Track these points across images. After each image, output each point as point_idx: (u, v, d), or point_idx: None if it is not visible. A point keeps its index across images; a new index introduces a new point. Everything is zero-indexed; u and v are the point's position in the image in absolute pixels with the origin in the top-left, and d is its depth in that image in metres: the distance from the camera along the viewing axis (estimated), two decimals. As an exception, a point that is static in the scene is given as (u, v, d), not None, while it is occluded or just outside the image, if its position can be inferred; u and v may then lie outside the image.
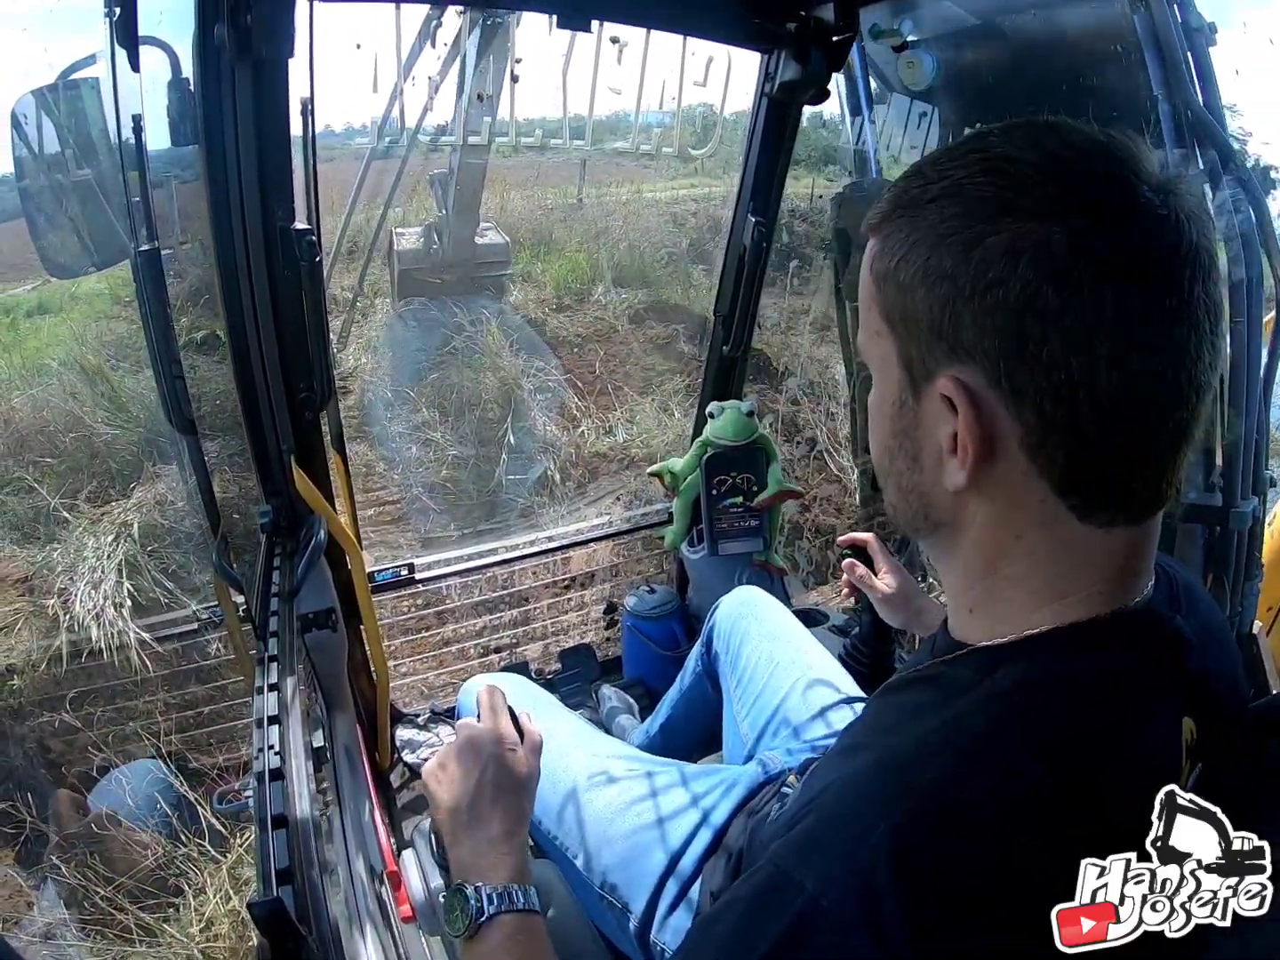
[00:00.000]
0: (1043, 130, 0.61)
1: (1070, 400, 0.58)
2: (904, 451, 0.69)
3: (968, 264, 0.59)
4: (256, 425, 1.54)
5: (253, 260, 1.39)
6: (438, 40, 1.86)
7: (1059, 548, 0.64)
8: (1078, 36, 1.52)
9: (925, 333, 0.62)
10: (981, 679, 0.64)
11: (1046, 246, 0.56)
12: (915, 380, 0.65)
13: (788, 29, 1.76)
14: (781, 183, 2.11)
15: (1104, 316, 0.56)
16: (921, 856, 0.55)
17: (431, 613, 2.69)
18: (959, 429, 0.61)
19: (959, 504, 0.67)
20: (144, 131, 1.31)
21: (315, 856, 0.99)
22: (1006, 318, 0.58)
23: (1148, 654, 0.64)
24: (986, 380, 0.60)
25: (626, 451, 5.58)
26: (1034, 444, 0.60)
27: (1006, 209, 0.58)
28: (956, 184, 0.61)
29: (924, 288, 0.61)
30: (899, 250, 0.63)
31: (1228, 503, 1.52)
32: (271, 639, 1.31)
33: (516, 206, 8.26)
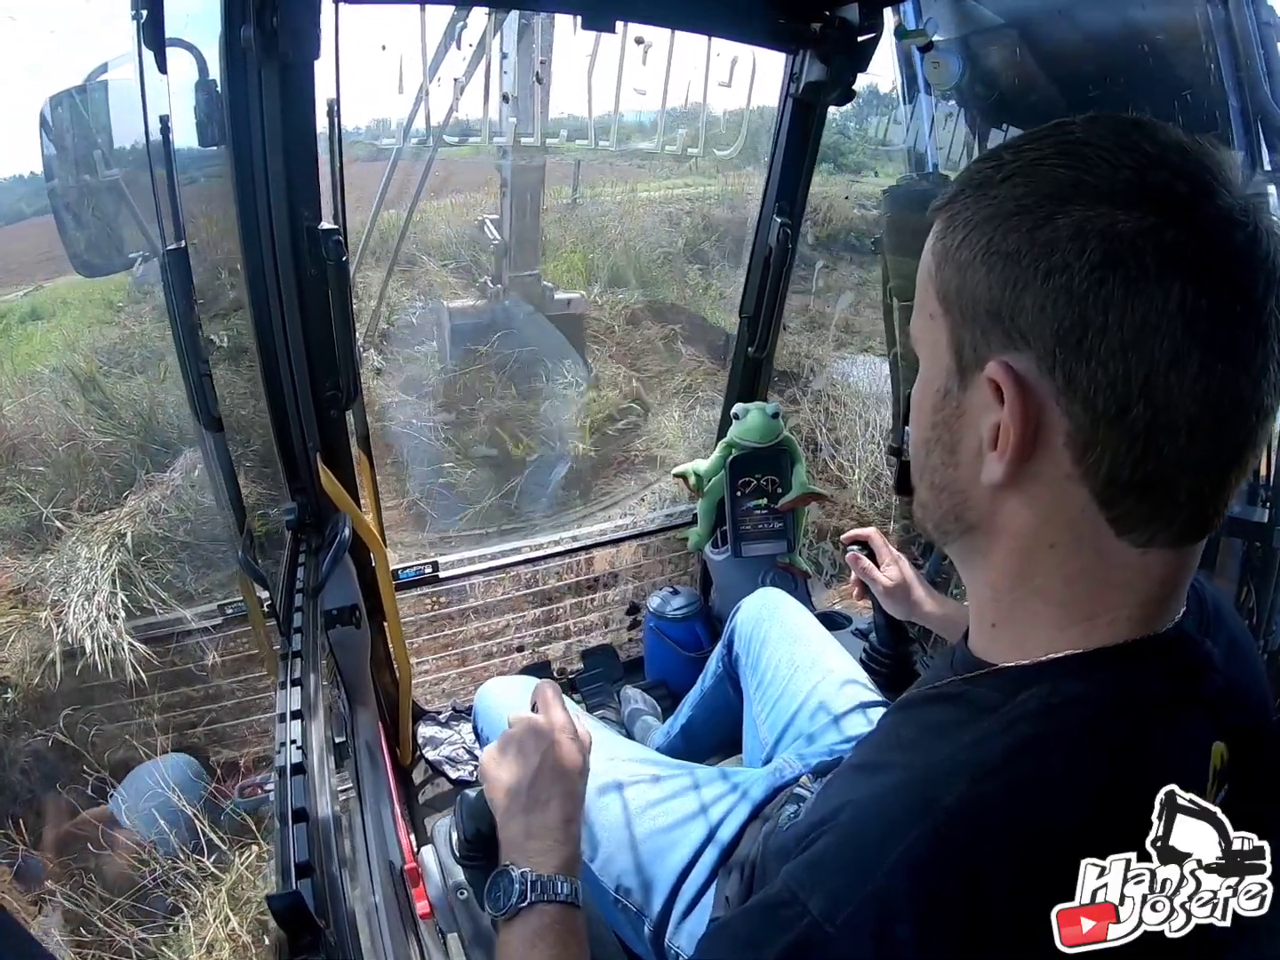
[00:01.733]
0: (1127, 123, 0.59)
1: (1124, 398, 0.56)
2: (941, 444, 0.67)
3: (1033, 245, 0.57)
4: (283, 423, 1.56)
5: (279, 260, 1.41)
6: (463, 41, 1.87)
7: (1093, 563, 0.62)
8: (1106, 36, 1.50)
9: (982, 315, 0.61)
10: (1005, 701, 0.62)
11: (1115, 232, 0.54)
12: (964, 366, 0.63)
13: (812, 29, 1.76)
14: (807, 184, 2.10)
15: (1167, 311, 0.54)
16: (940, 876, 0.54)
17: (454, 611, 2.69)
18: (1004, 418, 0.59)
19: (994, 504, 0.65)
20: (171, 132, 1.33)
21: (335, 852, 0.99)
22: (1068, 303, 0.56)
23: (1176, 679, 0.62)
24: (1039, 369, 0.58)
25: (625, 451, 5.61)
26: (1081, 443, 0.58)
27: (1078, 191, 0.56)
28: (1031, 164, 0.59)
29: (985, 267, 0.60)
30: (962, 229, 0.62)
31: (1275, 519, 1.48)
32: (295, 635, 1.33)
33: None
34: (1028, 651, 0.65)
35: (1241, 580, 1.56)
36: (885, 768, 0.67)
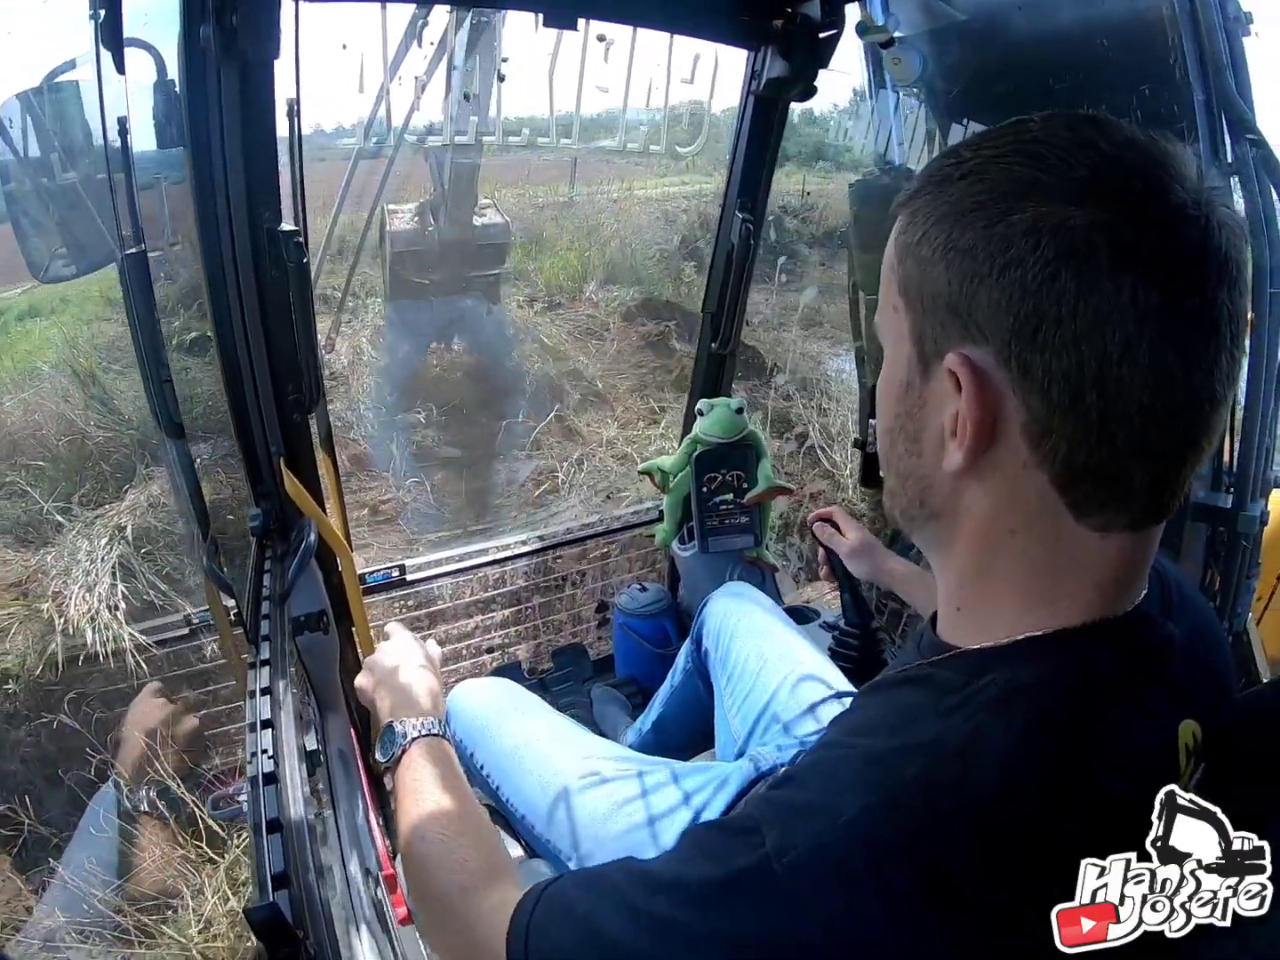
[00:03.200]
0: (1082, 121, 0.61)
1: (1077, 387, 0.57)
2: (905, 433, 0.69)
3: (989, 240, 0.58)
4: (245, 428, 1.54)
5: (240, 262, 1.39)
6: (424, 40, 1.85)
7: (1053, 548, 0.63)
8: (1068, 32, 1.52)
9: (941, 309, 0.62)
10: (968, 683, 0.63)
11: (1068, 227, 0.56)
12: (925, 358, 0.65)
13: (774, 26, 1.77)
14: (769, 180, 2.11)
15: (1119, 304, 0.55)
16: (892, 850, 0.55)
17: (423, 613, 2.68)
18: (962, 407, 0.61)
19: (956, 491, 0.66)
20: (129, 134, 1.30)
21: (311, 860, 0.99)
22: (1022, 297, 0.57)
23: (1133, 658, 0.64)
24: (996, 360, 0.60)
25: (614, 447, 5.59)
26: (1037, 431, 0.60)
27: (1034, 188, 0.58)
28: (988, 161, 0.61)
29: (944, 262, 0.61)
30: (922, 225, 0.63)
31: (1237, 505, 1.51)
32: (264, 643, 1.31)
33: (508, 204, 8.28)
34: (991, 634, 0.66)
35: (1206, 564, 1.58)
36: (851, 747, 0.68)
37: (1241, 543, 1.52)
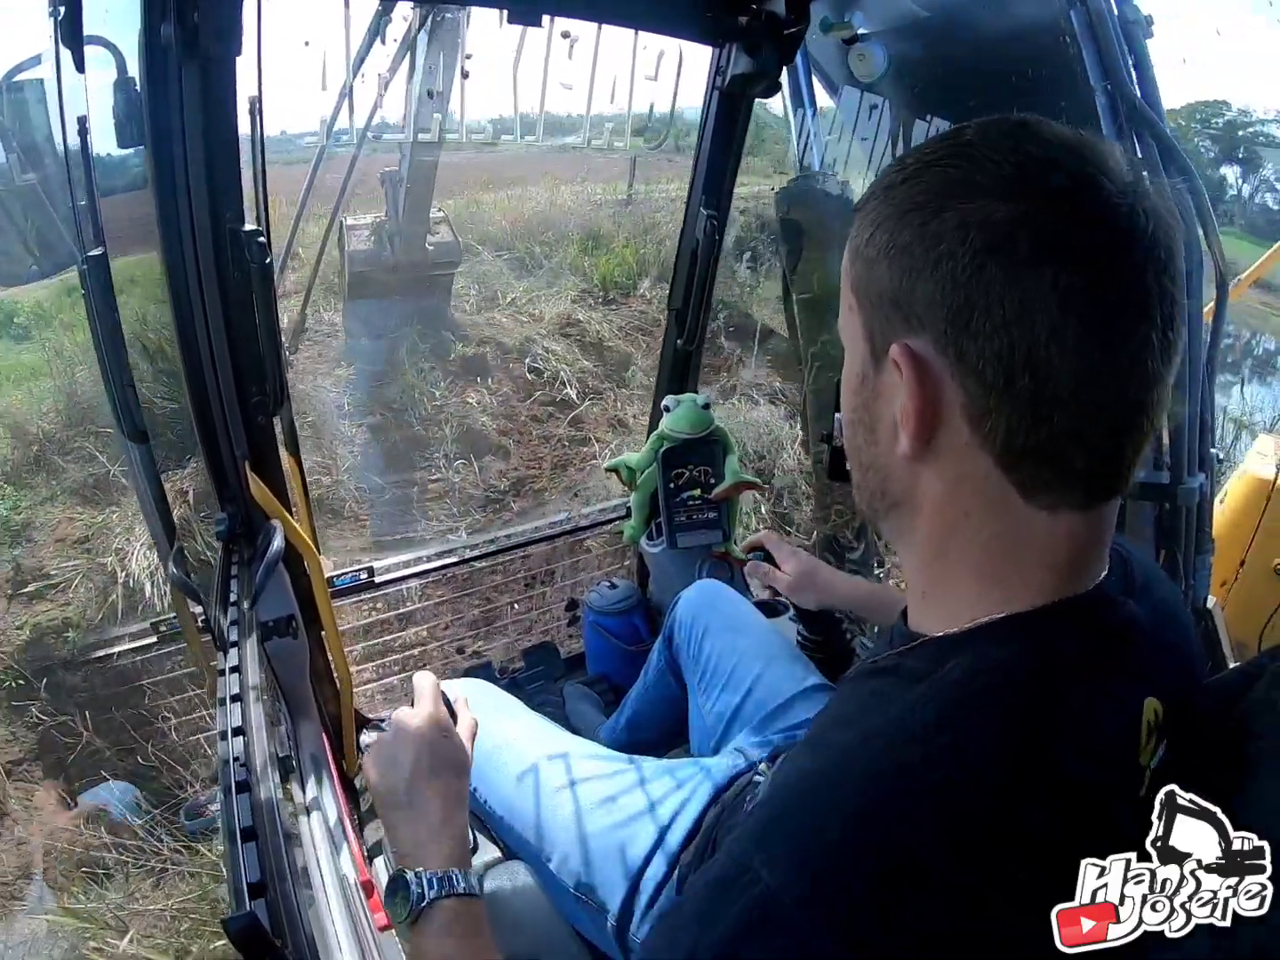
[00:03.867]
0: (1016, 124, 0.64)
1: (1009, 369, 0.60)
2: (863, 425, 0.72)
3: (924, 237, 0.62)
4: (210, 431, 1.51)
5: (202, 263, 1.36)
6: (387, 37, 1.84)
7: (1006, 529, 0.66)
8: (1021, 30, 1.54)
9: (886, 304, 0.66)
10: (933, 670, 0.64)
11: (993, 221, 0.59)
12: (875, 352, 0.68)
13: (739, 23, 1.77)
14: (734, 176, 2.12)
15: (1042, 291, 0.58)
16: (879, 851, 0.56)
17: (393, 616, 2.67)
18: (911, 395, 0.64)
19: (912, 477, 0.69)
20: (90, 133, 1.28)
21: (287, 868, 0.97)
22: (954, 288, 0.61)
23: (1094, 637, 0.65)
24: (935, 349, 0.63)
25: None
26: (976, 413, 0.63)
27: (964, 188, 0.61)
28: (926, 166, 0.64)
29: (886, 260, 0.65)
30: (869, 227, 0.67)
31: (1175, 480, 1.55)
32: (232, 649, 1.29)
33: (566, 201, 8.71)
34: (955, 620, 0.68)
35: (1157, 543, 1.62)
36: (824, 742, 0.71)
37: (1184, 516, 1.56)
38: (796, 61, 1.98)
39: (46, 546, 4.52)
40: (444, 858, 0.95)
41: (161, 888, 2.62)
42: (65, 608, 4.08)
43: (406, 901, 0.91)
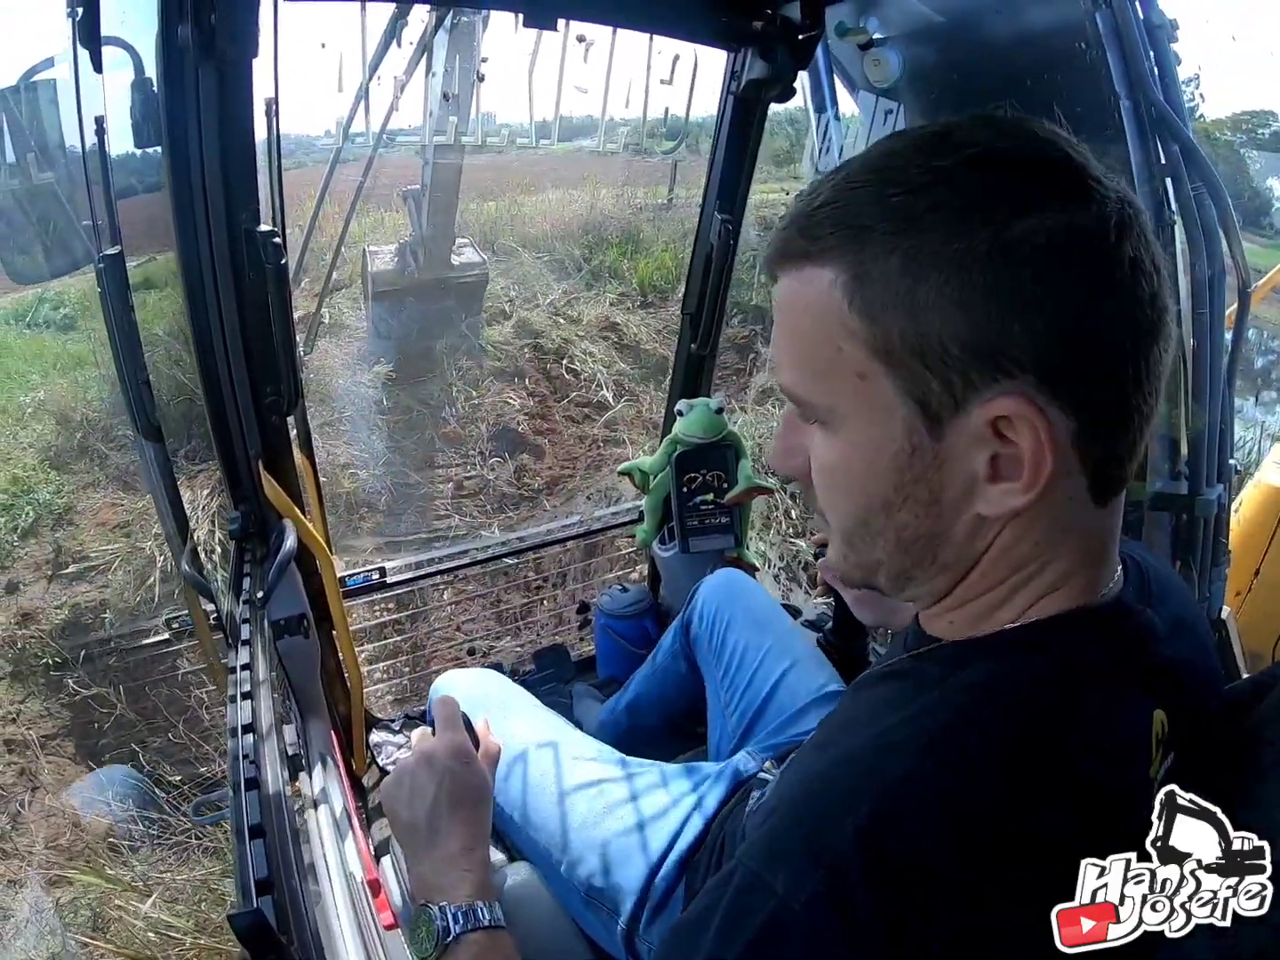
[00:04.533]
0: (1010, 123, 0.61)
1: (1119, 388, 0.58)
2: (914, 500, 0.63)
3: (1002, 271, 0.55)
4: (223, 430, 1.52)
5: (218, 263, 1.37)
6: (404, 40, 1.84)
7: (1049, 537, 0.63)
8: (1041, 34, 1.53)
9: (956, 358, 0.57)
10: (948, 676, 0.64)
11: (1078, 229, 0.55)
12: (935, 415, 0.60)
13: (754, 27, 1.77)
14: (748, 181, 2.11)
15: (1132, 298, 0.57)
16: (889, 856, 0.55)
17: (404, 616, 2.69)
18: (1028, 448, 0.58)
19: (978, 533, 0.64)
20: (107, 134, 1.29)
21: (294, 866, 0.98)
22: (1056, 313, 0.56)
23: (1114, 647, 0.64)
24: (1040, 387, 0.57)
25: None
26: (1084, 442, 0.59)
27: (1027, 206, 0.55)
28: (956, 188, 0.57)
29: (957, 307, 0.56)
30: (905, 270, 0.57)
31: (1193, 490, 1.54)
32: (243, 647, 1.30)
33: (606, 205, 8.85)
34: (974, 626, 0.67)
35: (1175, 554, 1.60)
36: (833, 745, 0.69)
37: (1202, 527, 1.54)
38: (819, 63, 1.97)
39: (88, 530, 4.78)
40: (468, 890, 0.93)
41: (186, 862, 2.74)
42: (104, 590, 4.32)
43: (432, 935, 0.89)
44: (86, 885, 2.74)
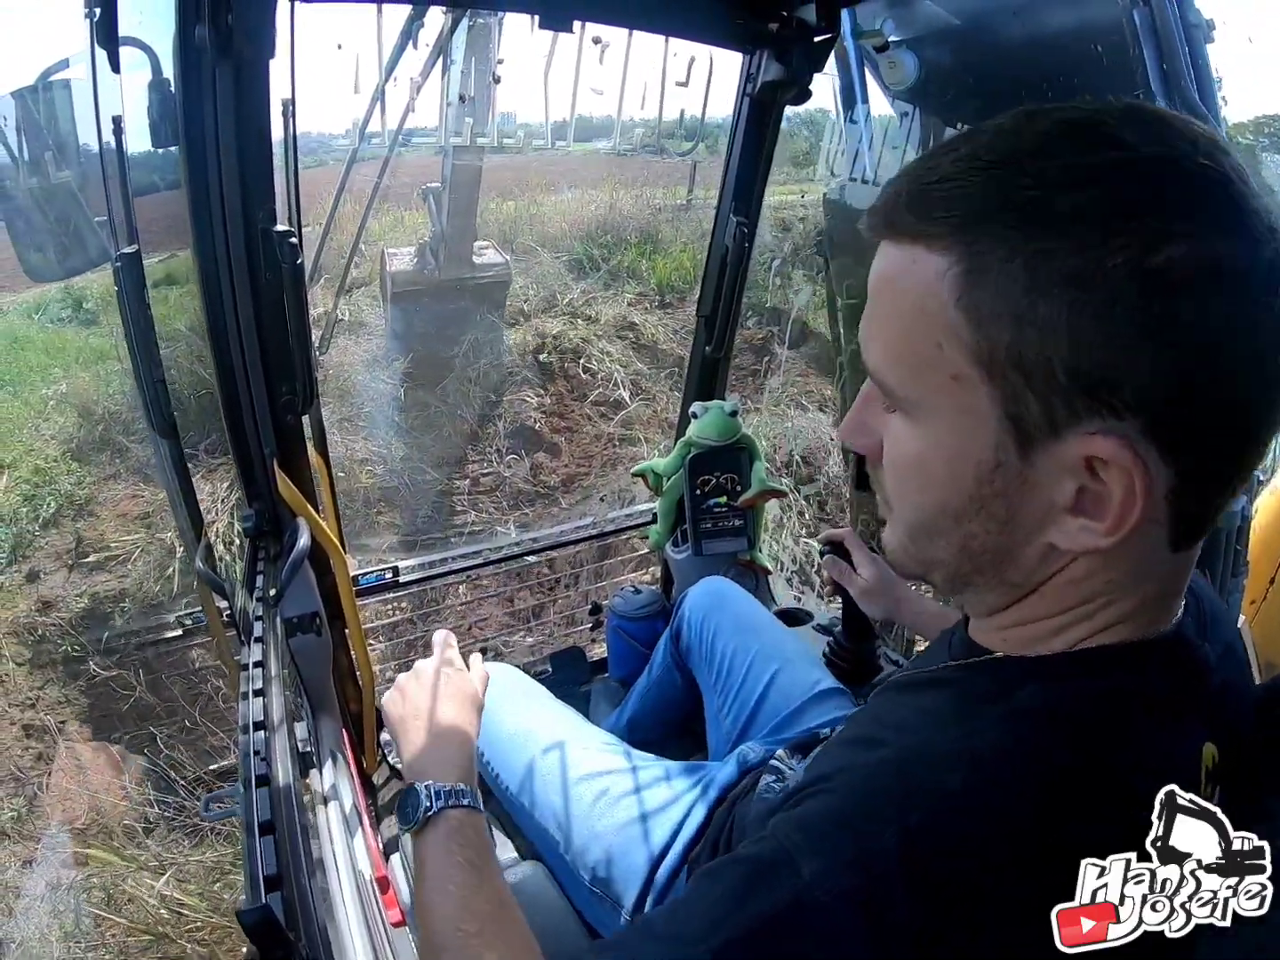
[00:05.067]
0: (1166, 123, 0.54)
1: (1231, 445, 0.55)
2: (987, 513, 0.61)
3: (1136, 301, 0.49)
4: (239, 429, 1.53)
5: (234, 262, 1.38)
6: (420, 41, 1.85)
7: (1121, 577, 0.61)
8: (1064, 36, 1.52)
9: (1062, 385, 0.53)
10: (1004, 692, 0.62)
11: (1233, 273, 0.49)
12: (1028, 437, 0.56)
13: (769, 29, 1.77)
14: (764, 183, 2.10)
15: (1271, 346, 0.51)
16: (933, 865, 0.55)
17: (416, 615, 2.69)
18: (1118, 496, 0.54)
19: (1049, 559, 0.62)
20: (124, 133, 1.30)
21: (303, 863, 0.98)
22: (1184, 356, 0.50)
23: (1174, 681, 0.63)
24: (1144, 432, 0.53)
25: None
26: (1180, 492, 0.55)
27: (1177, 230, 0.49)
28: (1103, 194, 0.51)
29: (1074, 331, 0.51)
30: (1025, 278, 0.52)
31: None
32: (256, 644, 1.30)
33: (625, 205, 8.97)
34: (1029, 646, 0.65)
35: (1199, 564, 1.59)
36: (881, 744, 0.66)
37: (1223, 540, 1.53)
38: (850, 61, 1.96)
39: (108, 521, 4.89)
40: (455, 775, 0.99)
41: (200, 846, 2.84)
42: (123, 579, 4.43)
43: (416, 808, 0.95)
44: (102, 864, 2.81)
